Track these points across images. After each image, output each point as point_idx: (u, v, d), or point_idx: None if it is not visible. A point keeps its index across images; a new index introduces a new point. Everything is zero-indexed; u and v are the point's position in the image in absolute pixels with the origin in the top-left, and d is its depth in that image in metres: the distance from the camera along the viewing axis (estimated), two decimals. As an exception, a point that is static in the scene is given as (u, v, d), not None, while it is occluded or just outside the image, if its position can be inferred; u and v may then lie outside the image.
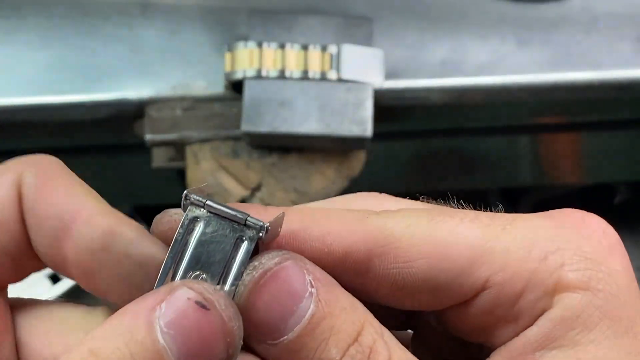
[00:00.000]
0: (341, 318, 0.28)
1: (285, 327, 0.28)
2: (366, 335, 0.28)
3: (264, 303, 0.28)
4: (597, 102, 0.71)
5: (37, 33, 0.69)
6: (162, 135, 0.67)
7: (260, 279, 0.28)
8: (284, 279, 0.28)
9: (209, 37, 0.70)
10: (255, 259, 0.28)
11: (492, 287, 0.29)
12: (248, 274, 0.28)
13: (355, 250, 0.30)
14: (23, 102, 0.67)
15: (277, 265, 0.28)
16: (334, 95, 0.65)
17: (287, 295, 0.28)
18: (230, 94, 0.67)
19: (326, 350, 0.27)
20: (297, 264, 0.28)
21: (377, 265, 0.30)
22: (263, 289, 0.28)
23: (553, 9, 0.71)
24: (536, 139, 0.80)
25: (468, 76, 0.68)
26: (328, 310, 0.28)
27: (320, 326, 0.28)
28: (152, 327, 0.26)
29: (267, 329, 0.28)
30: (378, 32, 0.68)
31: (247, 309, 0.28)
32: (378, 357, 0.28)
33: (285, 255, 0.28)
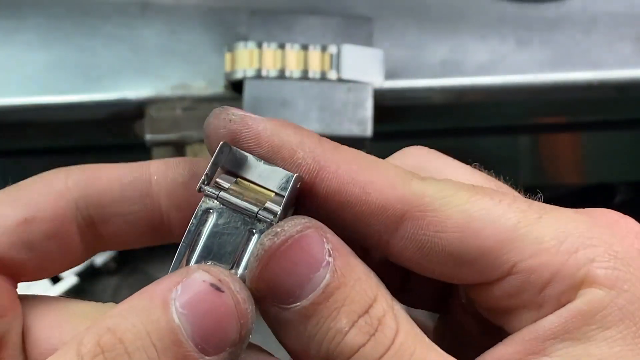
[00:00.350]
0: (355, 289, 0.28)
1: (301, 293, 0.28)
2: (377, 308, 0.28)
3: (283, 268, 0.28)
4: (597, 102, 0.71)
5: (37, 33, 0.69)
6: (162, 135, 0.67)
7: (281, 245, 0.28)
8: (304, 247, 0.28)
9: (209, 37, 0.70)
10: (277, 224, 0.29)
11: (519, 273, 0.29)
12: (269, 239, 0.28)
13: (392, 206, 0.30)
14: (23, 102, 0.67)
15: (299, 233, 0.28)
16: (334, 95, 0.65)
17: (306, 263, 0.28)
18: (230, 94, 0.67)
19: (337, 320, 0.28)
20: (317, 233, 0.29)
21: (409, 228, 0.30)
22: (283, 255, 0.28)
23: (553, 9, 0.71)
24: (536, 139, 0.80)
25: (468, 76, 0.68)
26: (343, 281, 0.28)
27: (334, 295, 0.28)
28: (167, 307, 0.27)
29: (282, 293, 0.28)
30: (378, 32, 0.68)
31: (264, 272, 0.28)
32: (385, 329, 0.28)
33: (307, 224, 0.29)
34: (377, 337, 0.28)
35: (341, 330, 0.28)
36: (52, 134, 0.71)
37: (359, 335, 0.28)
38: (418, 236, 0.30)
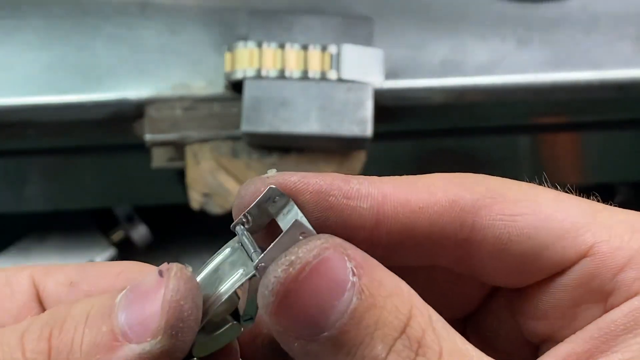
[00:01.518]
0: (386, 308, 0.26)
1: (327, 322, 0.25)
2: (414, 326, 0.26)
3: (302, 299, 0.25)
4: (597, 102, 0.71)
5: (37, 33, 0.69)
6: (162, 135, 0.67)
7: (298, 275, 0.26)
8: (325, 272, 0.26)
9: (209, 37, 0.70)
10: (291, 251, 0.26)
11: (596, 255, 0.28)
12: (284, 270, 0.26)
13: (461, 198, 0.29)
14: (23, 102, 0.67)
15: (316, 258, 0.26)
16: (334, 95, 0.65)
17: (328, 289, 0.25)
18: (230, 94, 0.67)
19: (371, 347, 0.25)
20: (337, 253, 0.26)
21: (484, 216, 0.29)
22: (302, 286, 0.26)
23: (553, 9, 0.71)
24: (536, 139, 0.80)
25: (468, 76, 0.68)
26: (372, 301, 0.25)
27: (365, 319, 0.25)
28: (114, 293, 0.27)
29: (305, 325, 0.26)
30: (378, 32, 0.68)
31: (282, 306, 0.26)
32: (428, 352, 0.26)
33: (324, 245, 0.26)
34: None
35: (377, 357, 0.25)
36: (52, 134, 0.71)
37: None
38: (494, 223, 0.29)
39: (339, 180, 0.28)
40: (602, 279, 0.28)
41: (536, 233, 0.28)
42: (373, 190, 0.28)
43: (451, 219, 0.29)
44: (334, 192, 0.28)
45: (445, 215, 0.29)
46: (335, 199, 0.28)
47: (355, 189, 0.28)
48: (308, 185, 0.28)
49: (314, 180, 0.28)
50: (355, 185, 0.28)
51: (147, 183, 0.81)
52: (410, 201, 0.28)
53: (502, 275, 0.30)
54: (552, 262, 0.29)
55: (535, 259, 0.29)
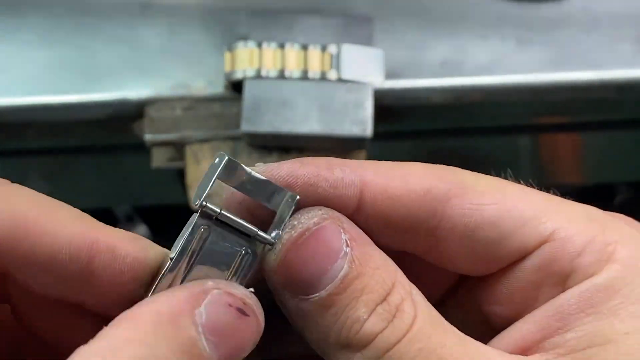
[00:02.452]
0: (373, 277, 0.29)
1: (319, 284, 0.29)
2: (395, 295, 0.29)
3: (301, 261, 0.29)
4: (597, 102, 0.71)
5: (37, 33, 0.69)
6: (162, 135, 0.67)
7: (298, 239, 0.29)
8: (322, 239, 0.29)
9: (209, 37, 0.70)
10: (295, 217, 0.29)
11: (556, 240, 0.30)
12: (287, 232, 0.29)
13: (435, 187, 0.31)
14: (23, 102, 0.67)
15: (316, 225, 0.29)
16: (334, 95, 0.65)
17: (323, 255, 0.29)
18: (230, 94, 0.67)
19: (355, 309, 0.28)
20: (334, 224, 0.29)
21: (454, 204, 0.31)
22: (301, 248, 0.29)
23: (553, 9, 0.71)
24: (536, 139, 0.80)
25: (468, 76, 0.68)
26: (361, 270, 0.29)
27: (353, 285, 0.28)
28: (196, 336, 0.27)
29: (300, 285, 0.29)
30: (378, 32, 0.68)
31: (282, 265, 0.29)
32: (404, 315, 0.29)
33: (324, 215, 0.29)
34: (395, 323, 0.29)
35: (359, 318, 0.28)
36: (52, 134, 0.71)
37: (377, 323, 0.28)
38: (463, 211, 0.31)
39: (324, 170, 0.30)
40: (561, 263, 0.30)
41: (501, 221, 0.31)
42: (355, 178, 0.30)
43: (425, 207, 0.31)
44: (322, 184, 0.30)
45: (420, 203, 0.31)
46: (322, 190, 0.30)
47: (339, 178, 0.30)
48: (297, 179, 0.30)
49: (301, 172, 0.30)
50: (339, 174, 0.30)
51: (147, 183, 0.81)
52: (388, 189, 0.30)
53: (469, 262, 0.32)
54: (515, 248, 0.31)
55: (499, 246, 0.31)
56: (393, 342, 0.29)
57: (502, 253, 0.31)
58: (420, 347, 0.29)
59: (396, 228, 0.31)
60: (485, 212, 0.31)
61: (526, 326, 0.31)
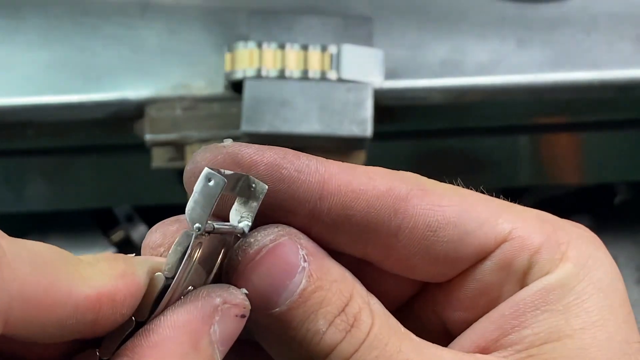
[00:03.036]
0: (331, 290, 0.29)
1: (278, 299, 0.29)
2: (353, 305, 0.30)
3: (258, 278, 0.29)
4: (597, 102, 0.71)
5: (37, 33, 0.69)
6: (162, 135, 0.67)
7: (255, 255, 0.29)
8: (279, 256, 0.29)
9: (209, 37, 0.70)
10: (251, 234, 0.29)
11: (514, 239, 0.31)
12: (243, 250, 0.29)
13: (397, 187, 0.31)
14: (23, 102, 0.67)
15: (272, 242, 0.29)
16: (334, 95, 0.65)
17: (281, 271, 0.29)
18: (230, 94, 0.67)
19: (314, 322, 0.29)
20: (291, 240, 0.30)
21: (415, 204, 0.31)
22: (258, 264, 0.29)
23: (553, 9, 0.71)
24: (536, 139, 0.80)
25: (468, 76, 0.68)
26: (319, 284, 0.29)
27: (311, 299, 0.29)
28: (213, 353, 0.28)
29: (260, 301, 0.29)
30: (378, 32, 0.68)
31: (240, 281, 0.29)
32: (361, 324, 0.29)
33: (280, 232, 0.30)
34: (353, 332, 0.29)
35: (319, 331, 0.29)
36: (52, 134, 0.71)
37: (336, 334, 0.29)
38: (424, 211, 0.31)
39: (290, 154, 0.31)
40: (519, 262, 0.31)
41: (461, 221, 0.31)
42: (320, 167, 0.31)
43: (386, 205, 0.31)
44: (286, 165, 0.30)
45: (381, 200, 0.31)
46: (287, 172, 0.30)
47: (305, 164, 0.31)
48: (263, 157, 0.30)
49: (268, 153, 0.30)
50: (305, 161, 0.31)
51: (147, 183, 0.81)
52: (352, 182, 0.31)
53: (429, 266, 0.32)
54: (475, 247, 0.32)
55: (460, 246, 0.31)
56: (351, 351, 0.29)
57: (462, 254, 0.32)
58: (377, 354, 0.29)
59: (357, 224, 0.31)
60: (445, 212, 0.31)
61: (484, 325, 0.31)
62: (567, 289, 0.30)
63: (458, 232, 0.31)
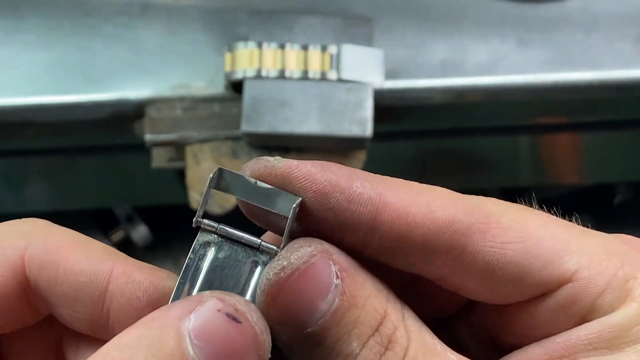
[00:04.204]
0: (365, 308, 0.28)
1: (311, 319, 0.28)
2: (387, 325, 0.28)
3: (291, 299, 0.28)
4: (597, 102, 0.71)
5: (37, 33, 0.69)
6: (162, 136, 0.67)
7: (288, 279, 0.28)
8: (311, 276, 0.28)
9: (209, 37, 0.70)
10: (282, 255, 0.28)
11: (578, 281, 0.30)
12: (276, 274, 0.28)
13: (458, 220, 0.29)
14: (23, 102, 0.67)
15: (305, 264, 0.28)
16: (334, 95, 0.65)
17: (314, 291, 0.28)
18: (230, 94, 0.67)
19: (348, 343, 0.28)
20: (323, 258, 0.28)
21: (476, 241, 0.29)
22: (291, 287, 0.28)
23: (553, 9, 0.71)
24: (536, 139, 0.80)
25: (468, 76, 0.68)
26: (352, 302, 0.28)
27: (344, 318, 0.28)
28: (181, 340, 0.26)
29: (292, 321, 0.28)
30: (378, 32, 0.68)
31: (273, 304, 0.28)
32: (396, 347, 0.28)
33: (313, 252, 0.28)
34: (388, 355, 0.28)
35: (352, 353, 0.28)
36: (52, 134, 0.71)
37: (370, 356, 0.28)
38: (485, 249, 0.29)
39: (343, 180, 0.29)
40: (582, 304, 0.30)
41: (523, 261, 0.30)
42: (374, 195, 0.29)
43: (444, 239, 0.29)
44: (336, 195, 0.29)
45: (440, 234, 0.29)
46: (336, 202, 0.29)
47: (357, 192, 0.29)
48: (313, 184, 0.29)
49: (319, 178, 0.29)
50: (358, 189, 0.29)
51: (147, 183, 0.81)
52: (409, 214, 0.29)
53: (485, 295, 0.31)
54: (536, 286, 0.30)
55: (519, 284, 0.30)
56: None
57: (521, 291, 0.30)
58: None
59: (411, 254, 0.30)
60: (507, 251, 0.29)
61: (532, 349, 0.30)
62: (625, 329, 0.29)
63: (519, 271, 0.30)
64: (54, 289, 0.31)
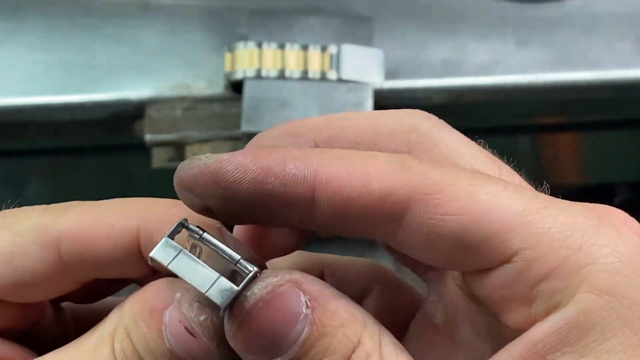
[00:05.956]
0: (336, 337, 0.28)
1: (280, 349, 0.28)
2: (359, 353, 0.28)
3: (256, 330, 0.28)
4: (597, 102, 0.71)
5: (37, 33, 0.69)
6: (162, 135, 0.67)
7: (252, 309, 0.28)
8: (278, 306, 0.28)
9: (209, 37, 0.70)
10: (249, 286, 0.28)
11: (518, 262, 0.28)
12: (239, 304, 0.28)
13: (395, 192, 0.28)
14: (23, 102, 0.67)
15: (270, 294, 0.28)
16: (334, 95, 0.65)
17: (281, 321, 0.28)
18: (230, 94, 0.67)
19: None
20: (291, 288, 0.28)
21: (415, 213, 0.28)
22: (255, 318, 0.28)
23: (553, 9, 0.71)
24: (536, 139, 0.80)
25: (468, 76, 0.68)
26: (323, 331, 0.28)
27: (314, 348, 0.28)
28: (161, 334, 0.29)
29: (260, 350, 0.28)
30: (378, 32, 0.68)
31: (239, 334, 0.28)
32: None
33: (278, 282, 0.28)
34: None
35: None
36: (52, 134, 0.71)
37: None
38: (424, 221, 0.28)
39: (275, 164, 0.29)
40: (523, 286, 0.28)
41: (463, 236, 0.28)
42: (309, 174, 0.29)
43: (383, 211, 0.29)
44: (271, 180, 0.29)
45: (377, 207, 0.29)
46: (272, 187, 0.29)
47: (291, 174, 0.29)
48: (245, 174, 0.29)
49: (250, 168, 0.29)
50: (291, 170, 0.29)
51: (147, 183, 0.81)
52: (344, 189, 0.29)
53: (433, 262, 0.30)
54: (477, 262, 0.29)
55: (460, 258, 0.29)
56: None
57: (463, 264, 0.29)
58: None
59: (353, 226, 0.29)
60: (448, 223, 0.28)
61: None
62: (588, 327, 0.27)
63: (459, 246, 0.28)
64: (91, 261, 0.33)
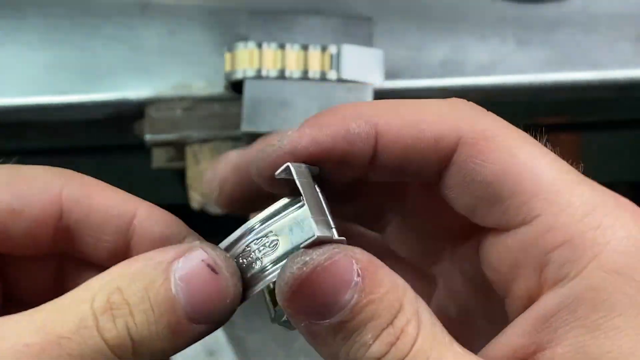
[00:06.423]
0: (382, 304, 0.30)
1: (330, 312, 0.29)
2: (401, 318, 0.30)
3: (312, 293, 0.30)
4: (597, 102, 0.71)
5: (37, 33, 0.69)
6: (162, 136, 0.67)
7: (310, 274, 0.29)
8: (332, 273, 0.29)
9: (209, 37, 0.70)
10: (307, 252, 0.30)
11: (537, 225, 0.30)
12: (298, 268, 0.30)
13: (446, 135, 0.32)
14: (23, 102, 0.67)
15: (327, 260, 0.30)
16: (334, 95, 0.65)
17: (334, 287, 0.29)
18: (230, 94, 0.67)
19: (363, 334, 0.29)
20: (346, 257, 0.30)
21: (460, 155, 0.31)
22: (312, 282, 0.30)
23: (553, 9, 0.71)
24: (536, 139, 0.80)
25: (468, 76, 0.68)
26: (371, 298, 0.29)
27: (362, 313, 0.29)
28: (168, 279, 0.31)
29: (313, 313, 0.30)
30: (378, 32, 0.68)
31: (294, 297, 0.30)
32: (406, 337, 0.30)
33: (335, 250, 0.30)
34: (398, 345, 0.29)
35: (366, 343, 0.29)
36: (52, 134, 0.71)
37: (381, 347, 0.29)
38: (465, 164, 0.31)
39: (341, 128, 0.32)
40: (537, 251, 0.30)
41: (494, 184, 0.31)
42: (370, 130, 0.32)
43: (434, 155, 0.32)
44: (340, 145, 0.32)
45: (429, 151, 0.32)
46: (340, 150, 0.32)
47: (356, 133, 0.32)
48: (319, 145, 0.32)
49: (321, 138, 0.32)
50: (355, 130, 0.32)
51: (147, 183, 0.81)
52: (400, 138, 0.32)
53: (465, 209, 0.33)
54: (499, 216, 0.31)
55: (487, 208, 0.31)
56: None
57: (487, 216, 0.32)
58: None
59: (407, 168, 0.32)
60: (485, 169, 0.31)
61: (518, 339, 0.31)
62: (597, 302, 0.29)
63: (490, 194, 0.31)
64: (86, 220, 0.35)
